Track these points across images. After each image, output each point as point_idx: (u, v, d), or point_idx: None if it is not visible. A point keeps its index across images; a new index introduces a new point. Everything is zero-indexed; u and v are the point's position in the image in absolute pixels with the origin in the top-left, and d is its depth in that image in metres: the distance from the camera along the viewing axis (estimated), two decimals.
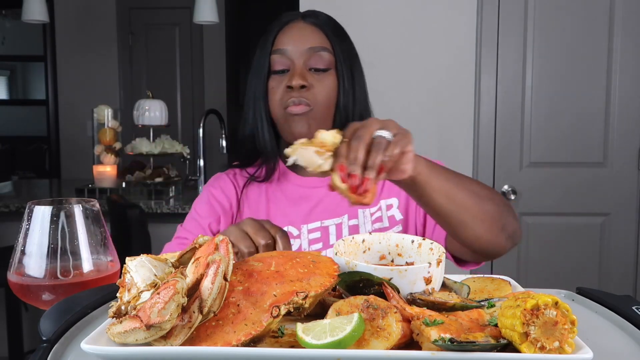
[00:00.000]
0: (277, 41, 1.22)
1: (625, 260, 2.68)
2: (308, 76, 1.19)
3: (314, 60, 1.20)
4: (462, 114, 2.65)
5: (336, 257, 0.73)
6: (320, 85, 1.19)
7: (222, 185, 1.30)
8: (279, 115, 1.21)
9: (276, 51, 1.21)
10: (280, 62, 1.20)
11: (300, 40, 1.20)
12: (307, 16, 1.24)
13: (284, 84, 1.19)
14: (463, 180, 0.97)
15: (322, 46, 1.20)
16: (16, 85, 8.09)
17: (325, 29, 1.22)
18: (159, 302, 0.55)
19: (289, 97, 1.18)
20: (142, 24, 5.62)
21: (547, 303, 0.55)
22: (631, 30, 2.57)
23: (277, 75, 1.21)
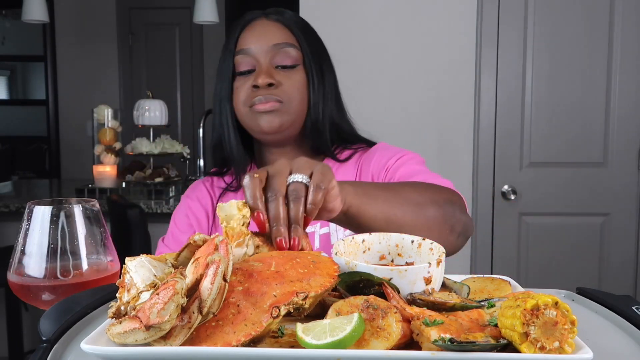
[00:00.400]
0: (240, 41, 1.18)
1: (625, 260, 2.68)
2: (275, 74, 1.14)
3: (279, 57, 1.15)
4: (462, 114, 2.65)
5: (336, 257, 0.73)
6: (289, 81, 1.15)
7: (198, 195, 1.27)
8: (244, 114, 1.17)
9: (240, 51, 1.16)
10: (244, 62, 1.16)
11: (264, 38, 1.16)
12: (271, 14, 1.20)
13: (249, 83, 1.15)
14: (399, 193, 0.91)
15: (288, 42, 1.16)
16: (16, 85, 8.09)
17: (290, 24, 1.18)
18: (159, 303, 0.54)
19: (254, 96, 1.13)
20: (142, 24, 5.62)
21: (547, 303, 0.55)
22: (631, 30, 2.57)
23: (242, 76, 1.16)
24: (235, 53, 1.17)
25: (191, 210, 1.24)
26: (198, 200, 1.25)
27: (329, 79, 1.21)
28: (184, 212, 1.25)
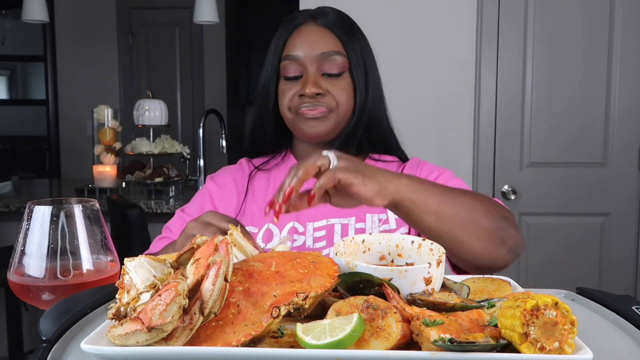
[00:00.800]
0: (288, 46, 1.19)
1: (625, 260, 2.68)
2: (322, 82, 1.16)
3: (327, 65, 1.17)
4: (462, 114, 2.65)
5: (336, 257, 0.73)
6: (336, 89, 1.17)
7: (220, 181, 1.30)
8: (289, 118, 1.20)
9: (287, 57, 1.18)
10: (292, 68, 1.18)
11: (312, 46, 1.17)
12: (318, 17, 1.21)
13: (296, 89, 1.17)
14: (455, 196, 0.93)
15: (335, 50, 1.17)
16: (16, 85, 8.09)
17: (336, 30, 1.19)
18: (161, 304, 0.54)
19: (301, 103, 1.17)
20: (142, 24, 5.62)
21: (547, 303, 0.55)
22: (631, 30, 2.57)
23: (289, 80, 1.19)
24: (283, 58, 1.19)
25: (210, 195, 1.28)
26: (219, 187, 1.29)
27: (374, 82, 1.23)
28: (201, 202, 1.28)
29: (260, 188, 1.26)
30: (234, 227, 0.75)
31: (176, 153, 3.23)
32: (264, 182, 1.27)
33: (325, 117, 1.17)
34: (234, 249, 0.72)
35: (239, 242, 0.73)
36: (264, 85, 1.23)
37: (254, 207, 1.24)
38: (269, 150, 1.30)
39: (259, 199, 1.24)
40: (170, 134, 3.36)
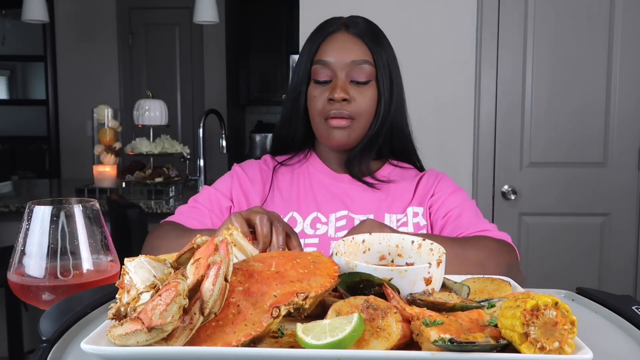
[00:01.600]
0: (321, 51, 1.26)
1: (625, 260, 2.68)
2: (350, 89, 1.23)
3: (355, 73, 1.23)
4: (462, 114, 2.65)
5: (336, 257, 0.73)
6: (361, 97, 1.24)
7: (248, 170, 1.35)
8: (317, 124, 1.27)
9: (319, 61, 1.25)
10: (323, 73, 1.24)
11: (343, 53, 1.24)
12: (350, 26, 1.27)
13: (326, 95, 1.23)
14: (466, 254, 1.03)
15: (364, 59, 1.24)
16: (16, 85, 8.09)
17: (367, 39, 1.26)
18: (161, 304, 0.54)
19: (330, 109, 1.23)
20: (142, 24, 5.62)
21: (547, 303, 0.55)
22: (631, 30, 2.57)
23: (319, 84, 1.25)
24: (315, 62, 1.26)
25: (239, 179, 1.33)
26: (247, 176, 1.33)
27: (398, 91, 1.31)
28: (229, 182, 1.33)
29: (284, 180, 1.33)
30: (234, 227, 0.75)
31: (176, 153, 3.23)
32: (287, 176, 1.34)
33: (348, 127, 1.24)
34: (234, 249, 0.72)
35: (239, 242, 0.73)
36: (295, 87, 1.29)
37: (279, 197, 1.30)
38: (293, 149, 1.37)
39: (284, 190, 1.31)
40: (170, 134, 3.36)
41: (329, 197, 1.29)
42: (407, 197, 1.29)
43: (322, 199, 1.29)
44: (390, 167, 1.35)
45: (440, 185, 1.31)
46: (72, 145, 5.47)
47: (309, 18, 2.60)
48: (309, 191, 1.31)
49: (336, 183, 1.31)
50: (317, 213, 1.27)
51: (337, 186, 1.31)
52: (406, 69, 2.88)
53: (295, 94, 1.29)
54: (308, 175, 1.33)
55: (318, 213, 1.27)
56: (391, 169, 1.35)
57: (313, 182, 1.32)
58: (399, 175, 1.34)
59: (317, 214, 1.27)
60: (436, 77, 2.64)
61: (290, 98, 1.31)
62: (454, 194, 1.29)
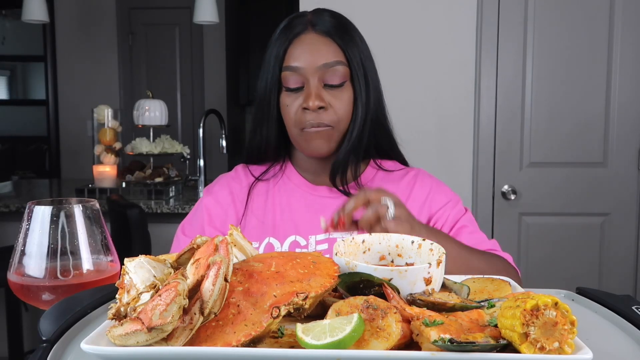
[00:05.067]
0: (289, 56, 1.17)
1: (625, 260, 2.68)
2: (324, 94, 1.15)
3: (328, 76, 1.15)
4: (462, 114, 2.65)
5: (336, 257, 0.73)
6: (338, 102, 1.16)
7: (217, 196, 1.27)
8: (295, 134, 1.19)
9: (288, 68, 1.16)
10: (293, 79, 1.16)
11: (313, 56, 1.15)
12: (317, 24, 1.18)
13: (298, 102, 1.16)
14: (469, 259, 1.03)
15: (336, 60, 1.16)
16: (16, 85, 8.09)
17: (336, 38, 1.17)
18: (161, 304, 0.54)
19: (306, 119, 1.15)
20: (142, 24, 5.61)
21: (547, 303, 0.55)
22: (631, 30, 2.57)
23: (291, 92, 1.17)
24: (284, 68, 1.17)
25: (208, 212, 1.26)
26: (217, 202, 1.26)
27: (374, 87, 1.23)
28: (200, 218, 1.26)
29: (259, 201, 1.25)
30: (234, 227, 0.75)
31: (176, 153, 3.23)
32: (262, 194, 1.25)
33: (327, 135, 1.17)
34: (234, 249, 0.72)
35: (239, 242, 0.73)
36: (264, 95, 1.20)
37: (254, 220, 1.22)
38: (267, 158, 1.28)
39: (258, 212, 1.23)
40: (170, 134, 3.36)
41: (307, 217, 1.21)
42: None
43: (300, 219, 1.21)
44: (374, 170, 1.29)
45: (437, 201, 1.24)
46: (72, 145, 5.47)
47: None
48: (285, 211, 1.22)
49: (315, 198, 1.23)
50: (295, 237, 1.19)
51: (316, 202, 1.23)
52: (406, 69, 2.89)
53: (265, 102, 1.20)
54: (285, 192, 1.25)
55: (297, 236, 1.19)
56: (374, 172, 1.28)
57: (291, 200, 1.23)
58: (383, 179, 1.27)
59: (296, 237, 1.19)
60: (436, 77, 2.64)
61: (260, 106, 1.22)
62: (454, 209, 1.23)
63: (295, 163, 1.28)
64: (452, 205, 1.24)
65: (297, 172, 1.27)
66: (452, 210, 1.23)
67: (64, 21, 5.38)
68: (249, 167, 1.30)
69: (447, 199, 1.25)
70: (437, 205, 1.24)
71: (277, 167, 1.28)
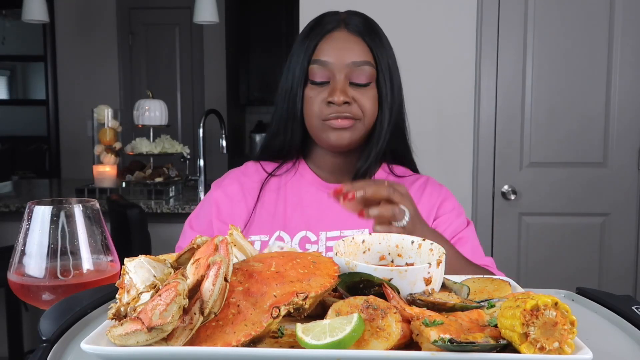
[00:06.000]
0: (318, 51, 1.17)
1: (625, 260, 2.68)
2: (349, 91, 1.15)
3: (355, 74, 1.16)
4: (462, 114, 2.65)
5: (336, 257, 0.73)
6: (362, 99, 1.16)
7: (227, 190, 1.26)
8: (315, 126, 1.18)
9: (317, 61, 1.16)
10: (320, 73, 1.16)
11: (343, 54, 1.16)
12: (349, 24, 1.19)
13: (323, 96, 1.15)
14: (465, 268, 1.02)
15: (365, 60, 1.16)
16: (16, 85, 8.09)
17: (367, 39, 1.18)
18: (161, 304, 0.54)
19: (329, 112, 1.15)
20: (142, 24, 5.62)
21: (547, 304, 0.55)
22: (631, 30, 2.57)
23: (316, 85, 1.17)
24: (312, 61, 1.17)
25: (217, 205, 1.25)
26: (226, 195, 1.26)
27: (398, 93, 1.24)
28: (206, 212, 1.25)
29: (270, 196, 1.24)
30: (234, 227, 0.75)
31: (176, 153, 3.23)
32: (274, 190, 1.25)
33: (349, 128, 1.16)
34: (234, 249, 0.72)
35: (239, 242, 0.73)
36: (290, 88, 1.19)
37: (264, 214, 1.22)
38: (287, 157, 1.27)
39: (270, 206, 1.23)
40: (170, 134, 3.36)
41: (319, 213, 1.21)
42: None
43: (311, 215, 1.21)
44: (384, 174, 1.28)
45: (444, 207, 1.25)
46: (72, 145, 5.47)
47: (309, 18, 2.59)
48: (297, 207, 1.22)
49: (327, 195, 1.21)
50: (306, 232, 1.19)
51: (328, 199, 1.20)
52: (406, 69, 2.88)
53: (292, 96, 1.19)
54: (297, 188, 1.24)
55: (307, 232, 1.19)
56: (385, 176, 1.28)
57: (302, 196, 1.23)
58: None
59: (306, 232, 1.19)
60: (436, 77, 2.64)
61: (285, 100, 1.21)
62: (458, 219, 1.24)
63: (309, 160, 1.28)
64: (456, 214, 1.25)
65: (310, 169, 1.27)
66: (456, 220, 1.24)
67: (64, 21, 5.38)
68: (261, 163, 1.30)
69: (452, 207, 1.26)
70: (443, 211, 1.25)
71: (289, 163, 1.28)
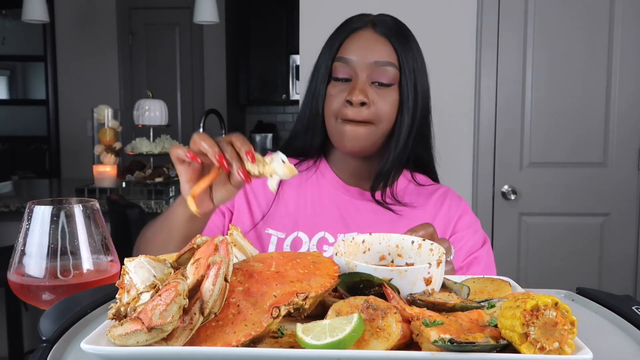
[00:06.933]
0: (343, 48, 1.17)
1: (625, 260, 2.68)
2: (369, 91, 1.14)
3: (377, 74, 1.14)
4: (462, 114, 2.65)
5: (336, 257, 0.73)
6: (382, 101, 1.14)
7: None
8: (331, 124, 1.17)
9: (340, 58, 1.16)
10: (342, 70, 1.15)
11: (367, 52, 1.15)
12: (377, 25, 1.19)
13: (343, 95, 1.14)
14: None
15: (389, 61, 1.15)
16: (16, 85, 8.09)
17: (393, 40, 1.17)
18: (161, 304, 0.54)
19: (346, 112, 1.13)
20: (142, 24, 5.62)
21: (547, 304, 0.55)
22: (631, 30, 2.57)
23: (338, 81, 1.16)
24: (336, 59, 1.17)
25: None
26: None
27: (423, 98, 1.21)
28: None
29: (290, 192, 1.24)
30: (234, 227, 0.75)
31: None
32: (294, 186, 1.24)
33: (365, 134, 1.14)
34: (234, 249, 0.72)
35: (239, 242, 0.73)
36: (315, 87, 1.19)
37: (282, 210, 1.21)
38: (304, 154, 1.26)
39: (289, 203, 1.22)
40: (170, 134, 3.36)
41: (337, 215, 1.20)
42: None
43: (330, 217, 1.20)
44: (406, 181, 1.27)
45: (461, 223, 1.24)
46: (72, 145, 5.47)
47: (309, 18, 2.60)
48: (317, 207, 1.21)
49: (347, 198, 1.22)
50: (324, 233, 1.18)
51: (347, 202, 1.22)
52: None
53: (316, 94, 1.18)
54: (317, 188, 1.24)
55: (325, 233, 1.18)
56: (407, 183, 1.27)
57: (322, 197, 1.22)
58: (414, 193, 1.26)
59: (325, 233, 1.18)
60: (436, 77, 2.63)
61: (309, 98, 1.20)
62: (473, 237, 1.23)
63: (330, 161, 1.27)
64: (472, 232, 1.23)
65: (331, 169, 1.26)
66: (472, 238, 1.22)
67: (64, 21, 5.38)
68: None
69: (469, 223, 1.25)
70: (460, 227, 1.24)
71: (310, 161, 1.26)
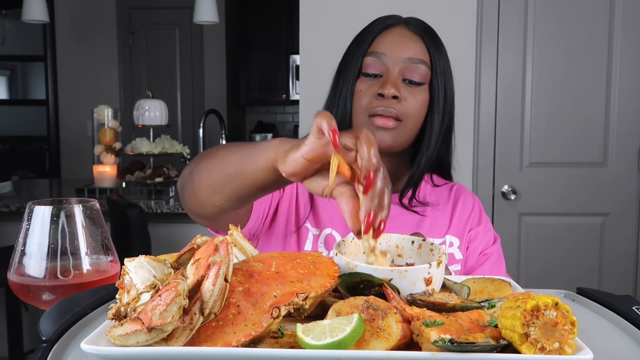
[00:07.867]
0: (375, 43, 1.15)
1: (625, 260, 2.68)
2: (401, 87, 1.11)
3: (409, 71, 1.12)
4: (462, 114, 2.65)
5: (336, 257, 0.73)
6: (413, 99, 1.12)
7: None
8: (361, 122, 1.13)
9: (372, 53, 1.14)
10: (374, 65, 1.13)
11: (400, 48, 1.13)
12: (410, 23, 1.18)
13: (374, 89, 1.11)
14: None
15: (421, 59, 1.13)
16: (16, 85, 8.09)
17: (426, 39, 1.16)
18: (161, 304, 0.54)
19: (377, 105, 1.11)
20: (142, 24, 5.61)
21: (547, 304, 0.55)
22: (631, 30, 2.57)
23: (368, 78, 1.14)
24: (367, 53, 1.14)
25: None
26: None
27: (450, 102, 1.19)
28: None
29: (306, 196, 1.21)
30: (234, 227, 0.75)
31: (176, 153, 3.23)
32: None
33: (393, 130, 1.12)
34: (234, 249, 0.72)
35: (239, 242, 0.73)
36: (343, 84, 1.16)
37: (320, 210, 1.20)
38: None
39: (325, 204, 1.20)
40: (170, 134, 3.36)
41: None
42: (444, 222, 1.22)
43: None
44: (425, 183, 1.26)
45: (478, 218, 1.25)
46: (72, 145, 5.47)
47: (309, 18, 2.59)
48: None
49: None
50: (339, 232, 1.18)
51: None
52: None
53: (344, 92, 1.15)
54: None
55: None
56: (424, 184, 1.25)
57: None
58: (433, 193, 1.26)
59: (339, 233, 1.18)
60: None
61: (335, 97, 1.17)
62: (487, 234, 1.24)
63: None
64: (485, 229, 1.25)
65: None
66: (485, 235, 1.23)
67: (64, 21, 5.39)
68: None
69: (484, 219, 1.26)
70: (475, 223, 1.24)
71: None
